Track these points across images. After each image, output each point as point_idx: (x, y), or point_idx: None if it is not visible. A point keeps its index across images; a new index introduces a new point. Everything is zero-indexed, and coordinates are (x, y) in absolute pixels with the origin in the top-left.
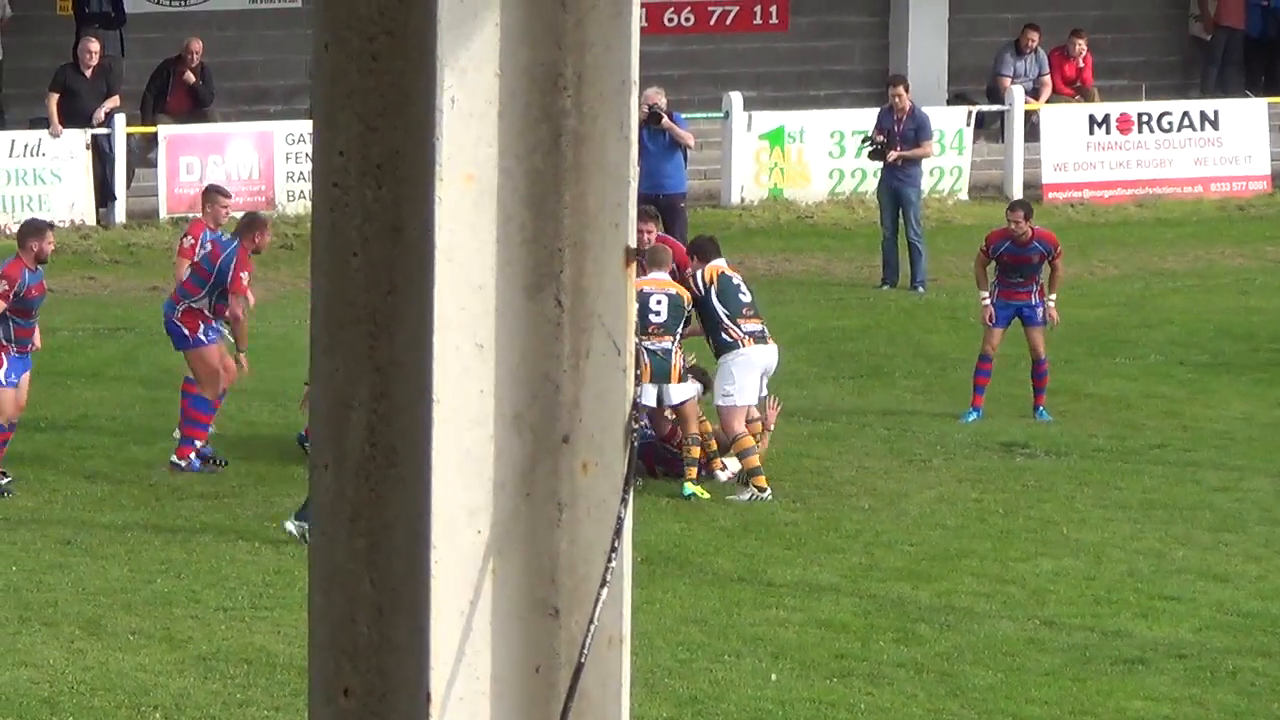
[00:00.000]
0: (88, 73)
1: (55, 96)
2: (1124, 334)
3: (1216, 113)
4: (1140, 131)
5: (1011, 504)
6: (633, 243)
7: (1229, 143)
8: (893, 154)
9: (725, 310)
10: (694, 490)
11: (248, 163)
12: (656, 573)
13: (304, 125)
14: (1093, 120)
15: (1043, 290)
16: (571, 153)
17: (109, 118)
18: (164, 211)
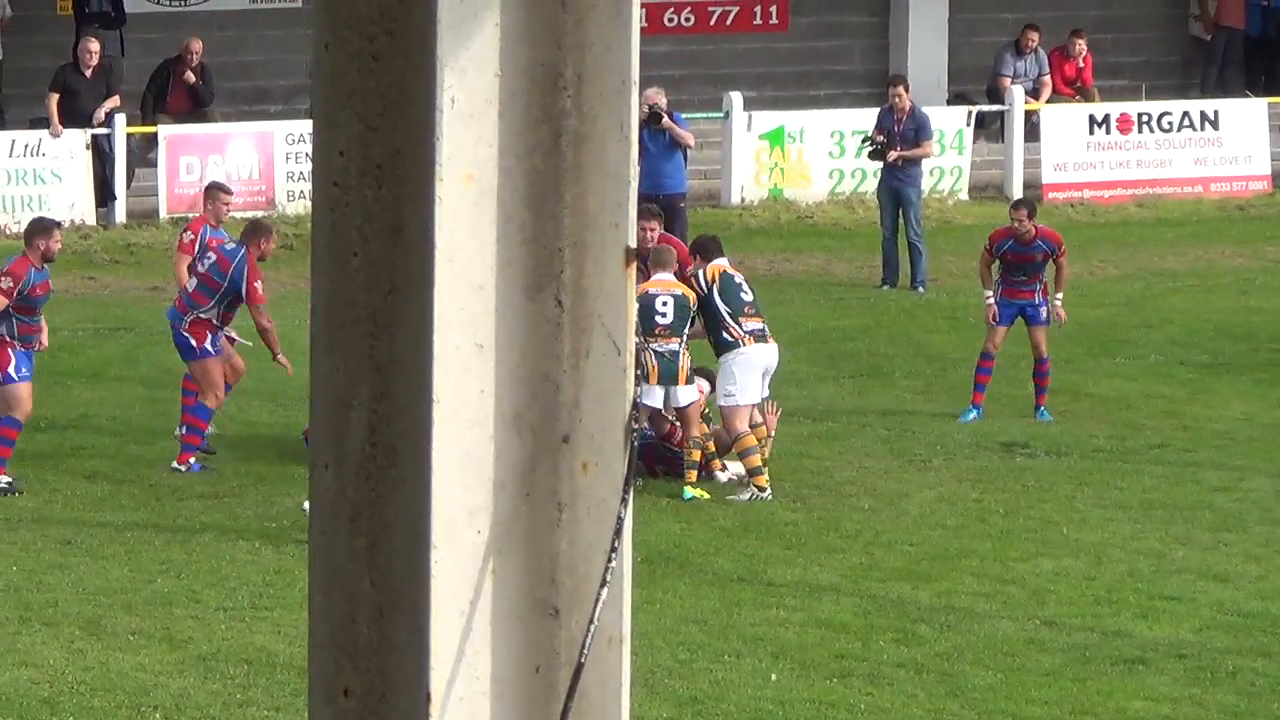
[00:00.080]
0: (88, 73)
1: (55, 96)
2: (1124, 334)
3: (1216, 113)
4: (1140, 131)
5: (1012, 504)
6: (633, 243)
7: (1229, 143)
8: (893, 154)
9: (728, 309)
10: (694, 494)
11: (248, 163)
12: (656, 573)
13: (304, 125)
14: (1093, 120)
15: (1046, 289)
16: (571, 153)
17: (109, 118)
18: (164, 211)
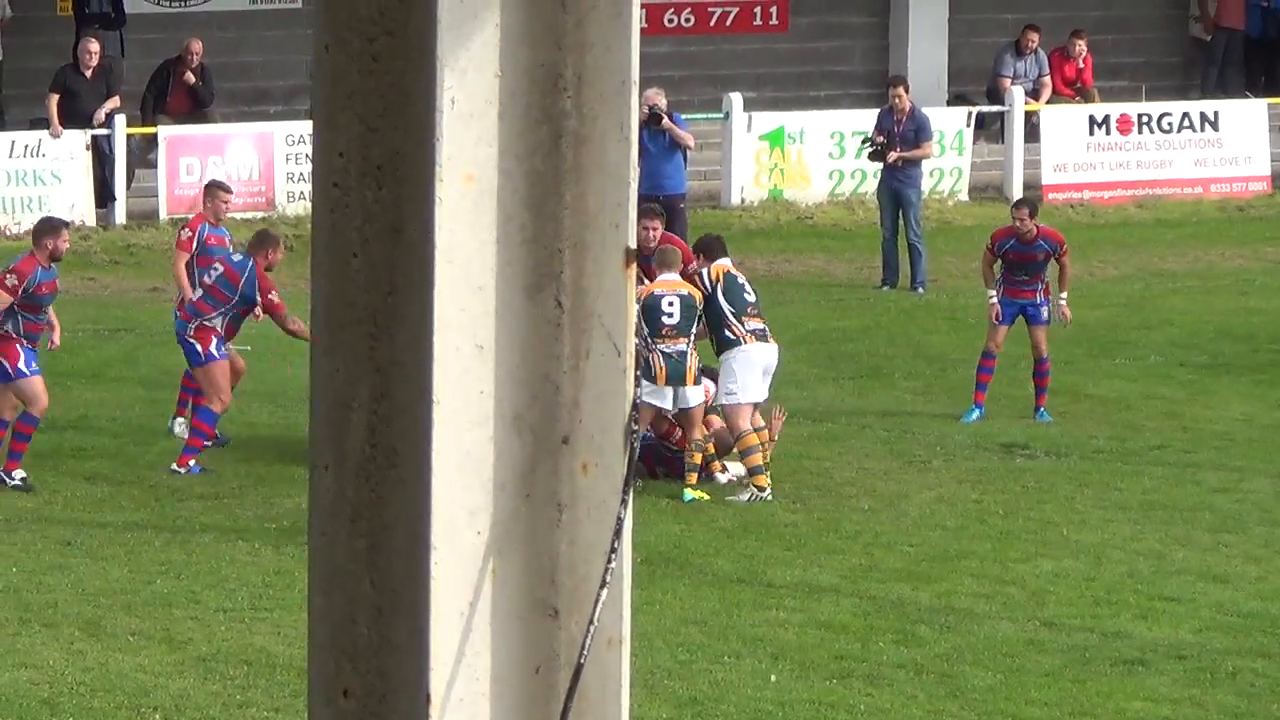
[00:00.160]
0: (88, 73)
1: (55, 97)
2: (1124, 335)
3: (1216, 113)
4: (1140, 132)
5: (1011, 505)
6: (633, 243)
7: (1229, 143)
8: (893, 155)
9: (732, 309)
10: (694, 495)
11: (248, 163)
12: (656, 574)
13: (304, 126)
14: (1093, 121)
15: (1048, 289)
16: (571, 153)
17: (109, 118)
18: (164, 212)
